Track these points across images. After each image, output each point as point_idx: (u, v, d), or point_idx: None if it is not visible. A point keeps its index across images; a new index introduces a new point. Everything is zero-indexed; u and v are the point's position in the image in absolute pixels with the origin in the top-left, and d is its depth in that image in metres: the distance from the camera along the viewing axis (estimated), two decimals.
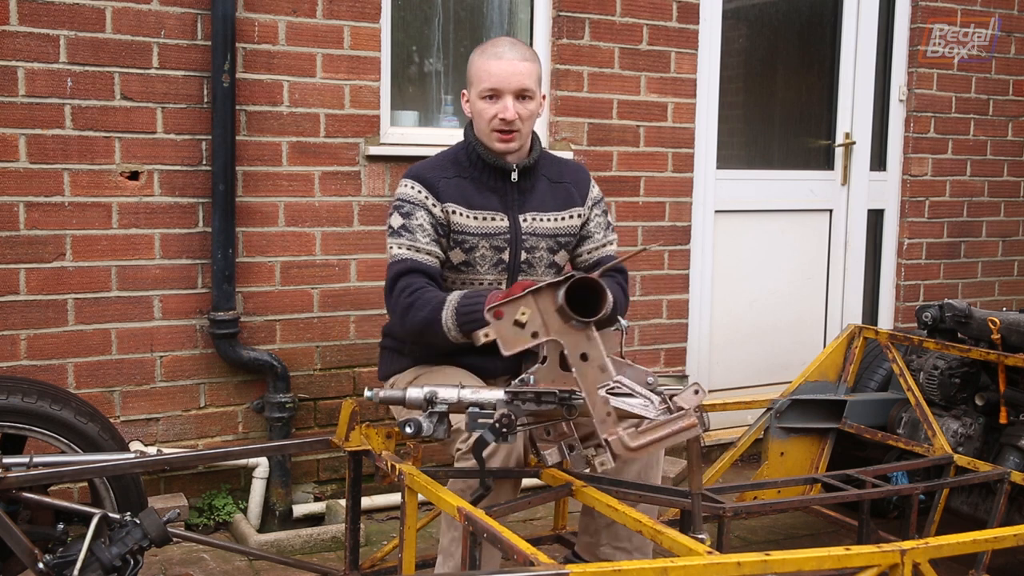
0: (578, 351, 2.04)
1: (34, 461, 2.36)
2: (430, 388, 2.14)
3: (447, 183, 2.62)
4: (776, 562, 1.85)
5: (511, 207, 2.65)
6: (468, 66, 2.67)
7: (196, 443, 3.58)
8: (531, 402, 2.10)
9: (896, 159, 5.10)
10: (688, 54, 4.38)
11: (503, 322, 2.03)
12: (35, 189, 3.28)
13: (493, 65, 2.58)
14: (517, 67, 2.58)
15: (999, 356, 3.12)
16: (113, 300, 3.42)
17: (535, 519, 3.73)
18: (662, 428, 2.03)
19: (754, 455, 3.85)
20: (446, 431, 2.13)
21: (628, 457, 2.07)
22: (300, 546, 3.41)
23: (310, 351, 3.73)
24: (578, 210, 2.74)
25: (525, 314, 2.03)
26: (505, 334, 2.04)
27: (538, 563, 1.77)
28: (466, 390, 2.14)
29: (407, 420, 2.12)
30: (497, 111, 2.58)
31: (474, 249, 2.61)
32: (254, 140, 3.56)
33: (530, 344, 2.05)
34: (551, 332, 2.05)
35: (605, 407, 2.04)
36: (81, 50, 3.29)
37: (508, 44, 2.62)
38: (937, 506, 3.12)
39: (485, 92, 2.59)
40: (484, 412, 2.10)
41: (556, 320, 2.04)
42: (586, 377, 2.04)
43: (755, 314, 4.80)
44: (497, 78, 2.57)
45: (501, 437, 2.08)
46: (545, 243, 2.68)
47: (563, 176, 2.76)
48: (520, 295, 2.04)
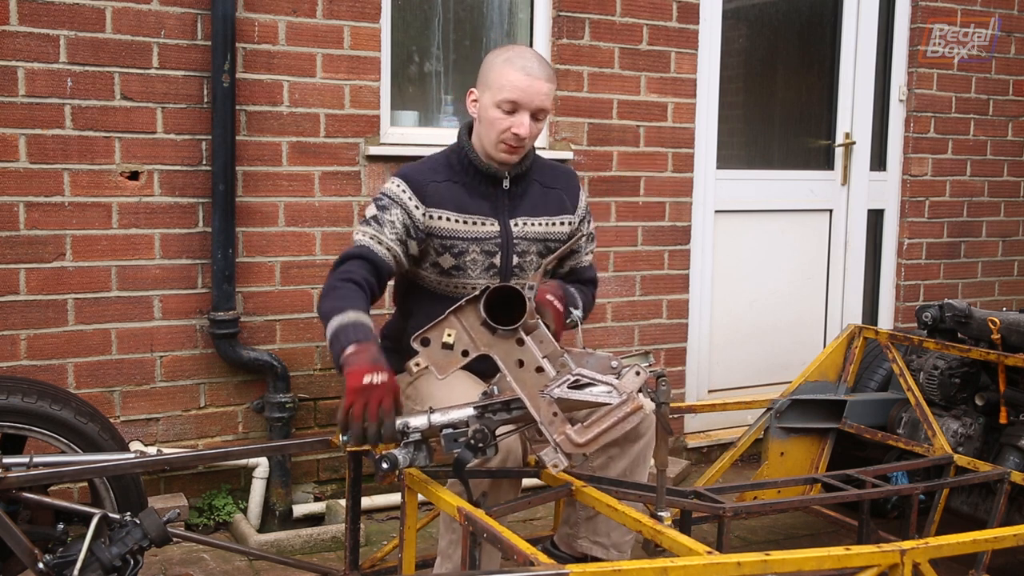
0: (512, 359, 2.05)
1: (34, 461, 2.36)
2: (400, 419, 2.11)
3: (437, 187, 2.59)
4: (776, 562, 1.85)
5: (502, 212, 2.64)
6: (487, 67, 2.60)
7: (196, 443, 3.58)
8: (502, 411, 2.10)
9: (896, 159, 5.10)
10: (688, 54, 4.38)
11: (432, 348, 2.06)
12: (35, 189, 3.28)
13: (520, 79, 2.51)
14: (542, 87, 2.53)
15: (999, 356, 3.12)
16: (113, 300, 3.42)
17: (535, 519, 3.73)
18: (608, 418, 2.02)
19: (754, 455, 3.85)
20: (426, 457, 2.12)
21: (578, 452, 2.06)
22: (300, 546, 3.41)
23: (310, 351, 3.73)
24: (569, 217, 2.74)
25: (451, 335, 2.05)
26: (436, 359, 2.06)
27: (538, 563, 1.78)
28: (436, 414, 2.13)
29: (383, 456, 2.10)
30: (512, 125, 2.53)
31: (464, 254, 2.59)
32: (254, 140, 3.56)
33: (462, 363, 2.07)
34: (480, 347, 2.07)
35: (549, 408, 2.04)
36: (81, 50, 3.29)
37: (535, 59, 2.56)
38: (937, 506, 3.12)
39: (504, 103, 2.53)
40: (458, 432, 2.10)
41: (483, 334, 2.06)
42: (525, 383, 2.05)
43: (755, 314, 4.80)
44: (521, 92, 2.52)
45: (480, 452, 2.08)
46: (536, 247, 2.67)
47: (555, 182, 2.75)
48: (442, 318, 2.07)
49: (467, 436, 2.08)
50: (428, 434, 2.13)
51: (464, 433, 2.09)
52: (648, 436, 2.59)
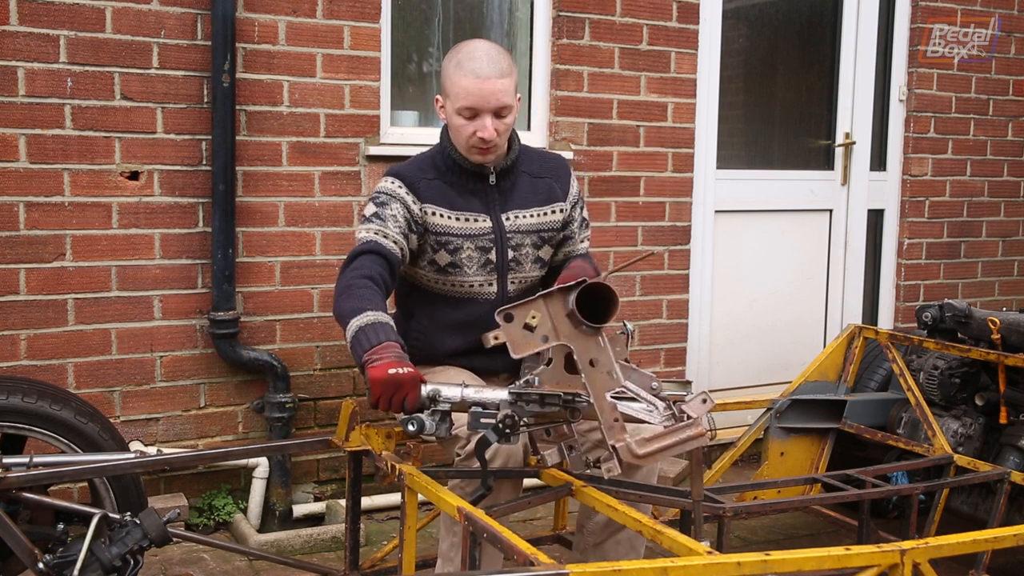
0: (587, 356, 2.04)
1: (34, 461, 2.36)
2: (433, 386, 2.13)
3: (428, 184, 2.58)
4: (776, 562, 1.85)
5: (492, 207, 2.63)
6: (444, 73, 2.56)
7: (196, 443, 3.58)
8: (535, 403, 2.09)
9: (896, 159, 5.10)
10: (688, 54, 4.38)
11: (513, 325, 2.04)
12: (35, 189, 3.28)
13: (471, 84, 2.47)
14: (495, 85, 2.47)
15: (999, 356, 3.12)
16: (113, 300, 3.42)
17: (535, 519, 3.73)
18: (670, 436, 2.03)
19: (754, 455, 3.85)
20: (447, 430, 2.12)
21: (635, 464, 2.06)
22: (300, 546, 3.41)
23: (310, 351, 3.73)
24: (560, 205, 2.72)
25: (536, 318, 2.03)
26: (515, 337, 2.04)
27: (538, 563, 1.77)
28: (469, 389, 2.13)
29: (410, 417, 2.10)
30: (475, 129, 2.50)
31: (459, 250, 2.59)
32: (254, 140, 3.56)
33: (540, 348, 2.05)
34: (561, 337, 2.05)
35: (613, 413, 2.04)
36: (81, 50, 3.29)
37: (485, 58, 2.49)
38: (937, 506, 3.12)
39: (464, 110, 2.50)
40: (487, 412, 2.09)
41: (566, 325, 2.04)
42: (595, 383, 2.04)
43: (755, 314, 4.80)
44: (476, 97, 2.47)
45: (504, 438, 2.07)
46: (530, 239, 2.66)
47: (544, 171, 2.73)
48: (531, 299, 2.05)
49: (496, 419, 2.07)
50: (457, 407, 2.12)
51: (493, 415, 2.08)
52: None
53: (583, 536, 2.67)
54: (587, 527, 2.65)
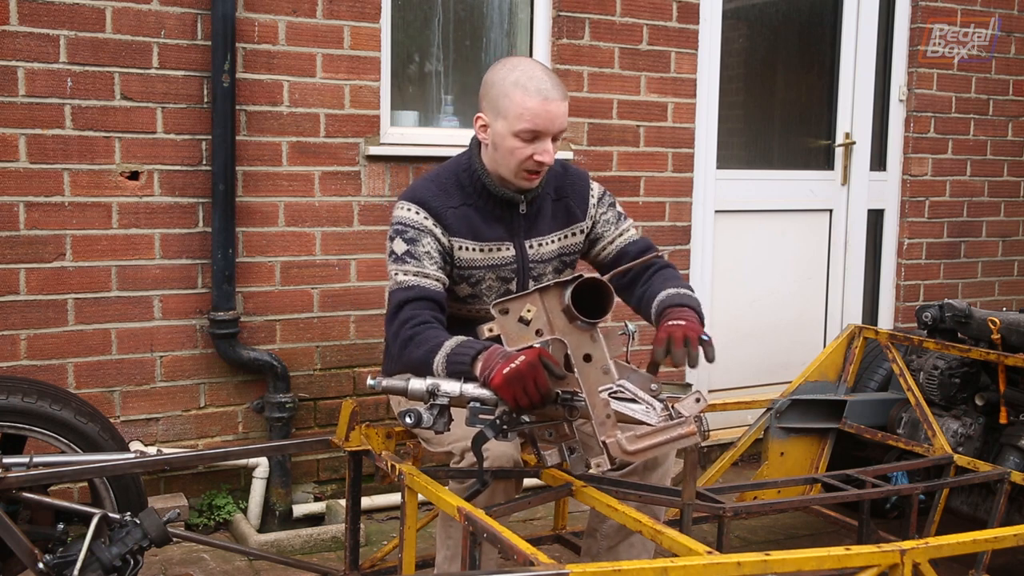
0: (582, 352, 2.04)
1: (34, 461, 2.37)
2: (432, 380, 2.12)
3: (454, 213, 2.44)
4: (776, 562, 1.85)
5: (517, 234, 2.52)
6: (495, 91, 2.39)
7: (196, 443, 3.58)
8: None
9: (896, 159, 5.10)
10: (688, 54, 4.38)
11: (508, 318, 2.03)
12: (35, 189, 3.28)
13: (537, 106, 2.32)
14: (561, 108, 2.35)
15: (999, 356, 3.12)
16: (113, 300, 3.42)
17: (535, 519, 3.73)
18: (661, 434, 2.03)
19: (754, 455, 3.85)
20: (445, 424, 2.11)
21: (624, 460, 2.06)
22: (300, 546, 3.41)
23: (310, 351, 3.73)
24: (580, 226, 2.61)
25: (531, 311, 2.03)
26: (509, 330, 2.04)
27: (538, 563, 1.77)
28: (468, 384, 2.12)
29: (407, 410, 2.09)
30: (534, 152, 2.36)
31: (480, 282, 2.50)
32: (254, 140, 3.56)
33: (534, 341, 2.04)
34: (556, 331, 2.05)
35: (605, 409, 2.04)
36: (81, 50, 3.29)
37: (547, 78, 2.37)
38: (937, 506, 3.12)
39: (524, 133, 2.35)
40: (485, 408, 2.09)
41: (561, 319, 2.04)
42: (588, 378, 2.04)
43: (755, 314, 4.80)
44: (543, 120, 2.33)
45: (501, 434, 2.07)
46: (551, 265, 2.58)
47: (562, 191, 2.60)
48: (527, 292, 2.05)
49: (494, 416, 2.07)
50: (455, 402, 2.11)
51: (491, 411, 2.08)
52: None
53: (595, 540, 2.63)
54: (601, 531, 2.63)
